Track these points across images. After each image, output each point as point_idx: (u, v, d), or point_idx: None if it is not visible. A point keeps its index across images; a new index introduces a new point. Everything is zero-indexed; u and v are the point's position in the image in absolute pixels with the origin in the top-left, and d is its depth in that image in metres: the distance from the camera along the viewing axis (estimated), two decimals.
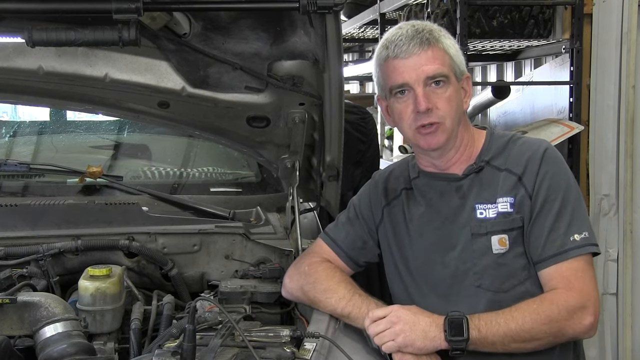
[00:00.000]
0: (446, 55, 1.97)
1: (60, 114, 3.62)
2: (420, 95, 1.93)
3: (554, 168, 1.96)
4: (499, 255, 1.95)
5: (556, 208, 1.92)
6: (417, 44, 1.94)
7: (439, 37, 1.98)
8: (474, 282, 1.97)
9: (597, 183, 3.67)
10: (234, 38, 2.33)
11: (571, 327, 1.85)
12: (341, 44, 2.19)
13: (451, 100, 1.96)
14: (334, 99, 2.36)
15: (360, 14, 5.74)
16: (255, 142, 2.77)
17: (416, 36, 1.95)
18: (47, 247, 2.37)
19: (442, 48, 1.97)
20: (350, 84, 9.52)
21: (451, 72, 1.97)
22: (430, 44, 1.95)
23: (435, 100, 1.94)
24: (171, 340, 1.86)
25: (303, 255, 2.26)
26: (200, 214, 2.76)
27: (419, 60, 1.94)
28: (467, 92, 2.05)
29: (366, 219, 2.18)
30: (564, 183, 1.96)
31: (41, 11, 2.02)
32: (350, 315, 1.99)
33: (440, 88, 1.95)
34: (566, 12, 3.84)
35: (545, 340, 1.85)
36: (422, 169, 2.11)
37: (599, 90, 3.62)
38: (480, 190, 2.00)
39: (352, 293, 2.02)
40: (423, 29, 1.97)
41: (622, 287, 3.70)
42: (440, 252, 2.03)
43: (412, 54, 1.94)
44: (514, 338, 1.82)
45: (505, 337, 1.82)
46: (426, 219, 2.07)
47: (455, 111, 1.97)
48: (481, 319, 1.84)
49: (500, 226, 1.95)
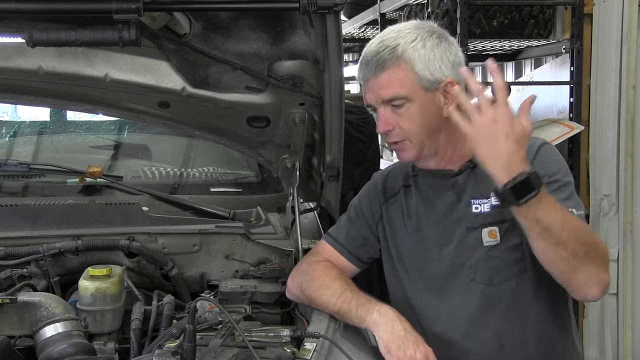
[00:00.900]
0: (408, 73, 1.90)
1: (60, 114, 3.62)
2: (380, 118, 1.94)
3: (548, 158, 1.94)
4: (489, 247, 1.93)
5: (552, 187, 1.85)
6: (373, 68, 1.92)
7: (402, 54, 1.90)
8: (468, 276, 1.96)
9: (597, 183, 3.67)
10: (234, 38, 2.33)
11: (593, 269, 1.75)
12: (341, 44, 2.18)
13: (413, 119, 1.92)
14: (334, 99, 2.36)
15: (360, 14, 5.74)
16: (256, 142, 2.77)
17: (374, 57, 1.92)
18: (47, 247, 2.37)
19: (402, 68, 1.90)
20: (350, 84, 9.51)
21: (413, 90, 1.91)
22: (385, 67, 1.90)
23: (396, 120, 1.93)
24: (171, 340, 1.86)
25: (306, 256, 2.27)
26: (201, 214, 2.76)
27: (375, 84, 1.93)
28: (450, 96, 1.93)
29: (366, 217, 2.19)
30: (559, 170, 1.92)
31: (41, 11, 2.02)
32: (340, 310, 1.97)
33: (401, 108, 1.92)
34: (566, 12, 3.84)
35: (566, 262, 1.72)
36: (420, 167, 2.11)
37: (599, 90, 3.62)
38: (476, 185, 1.99)
39: (343, 289, 2.00)
40: (386, 47, 1.92)
41: (622, 287, 3.70)
42: (437, 248, 2.03)
43: (370, 77, 1.93)
44: (557, 230, 1.68)
45: (552, 223, 1.68)
46: (423, 215, 2.07)
47: (421, 126, 1.93)
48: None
49: (490, 218, 1.93)
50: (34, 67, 2.43)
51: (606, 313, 3.69)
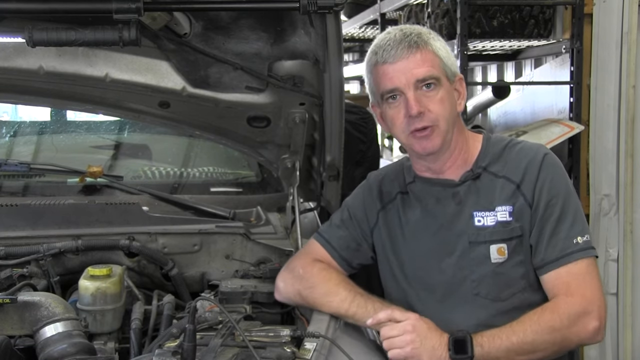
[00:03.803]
0: (436, 58, 1.95)
1: (60, 113, 3.62)
2: (411, 99, 1.91)
3: (552, 173, 1.95)
4: (497, 264, 1.94)
5: (557, 212, 1.91)
6: (405, 48, 1.93)
7: (427, 40, 1.95)
8: (472, 290, 1.96)
9: (597, 183, 3.67)
10: (234, 38, 2.33)
11: (575, 334, 1.84)
12: (341, 44, 2.19)
13: (444, 102, 1.94)
14: (335, 99, 2.36)
15: (360, 14, 5.74)
16: (256, 142, 2.77)
17: (404, 40, 1.94)
18: (47, 247, 2.38)
19: (431, 50, 1.95)
20: (350, 84, 9.51)
21: (442, 74, 1.95)
22: (418, 47, 1.93)
23: (427, 103, 1.92)
24: (171, 340, 1.86)
25: (295, 257, 2.23)
26: (201, 214, 2.76)
27: (407, 64, 1.92)
28: (461, 94, 2.03)
29: (360, 222, 2.17)
30: (564, 188, 1.95)
31: (41, 11, 2.02)
32: (356, 315, 1.98)
33: (432, 91, 1.93)
34: (566, 12, 3.84)
35: (550, 349, 1.84)
36: (418, 174, 2.10)
37: (599, 90, 3.62)
38: (478, 197, 1.99)
39: (353, 293, 2.01)
40: (411, 33, 1.96)
41: (622, 287, 3.70)
42: (437, 258, 2.02)
43: (400, 58, 1.92)
44: (517, 351, 1.82)
45: (508, 351, 1.81)
46: (422, 224, 2.06)
47: (448, 113, 1.95)
48: (484, 335, 1.83)
49: (499, 235, 1.94)
50: (34, 67, 2.43)
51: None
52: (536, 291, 1.95)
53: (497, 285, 1.94)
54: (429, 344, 1.83)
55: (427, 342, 1.83)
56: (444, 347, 1.82)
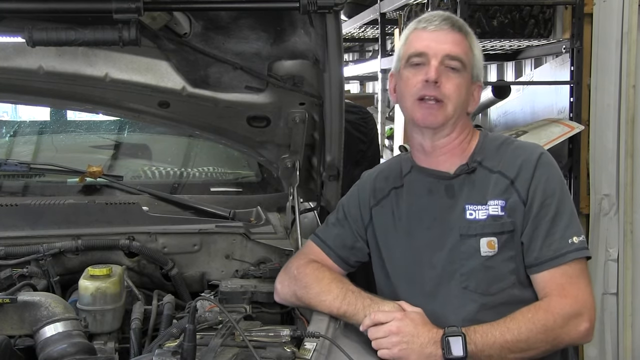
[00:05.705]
0: (470, 51, 2.00)
1: (60, 113, 3.62)
2: (433, 67, 1.94)
3: (548, 173, 1.95)
4: (486, 257, 1.94)
5: (552, 212, 1.92)
6: (449, 25, 1.98)
7: (469, 32, 2.02)
8: (461, 284, 1.96)
9: (597, 183, 3.66)
10: (234, 38, 2.33)
11: (567, 334, 1.86)
12: (341, 43, 2.19)
13: (460, 89, 1.97)
14: (335, 99, 2.36)
15: (360, 14, 5.75)
16: (256, 142, 2.77)
17: (450, 18, 2.00)
18: (47, 247, 2.38)
19: (469, 41, 2.01)
20: (350, 83, 9.53)
21: (469, 66, 1.99)
22: (460, 31, 1.99)
23: (446, 80, 1.95)
24: (171, 340, 1.86)
25: (292, 259, 2.23)
26: (201, 213, 2.76)
27: (444, 37, 1.97)
28: (475, 100, 2.06)
29: (355, 220, 2.18)
30: (559, 188, 1.96)
31: (41, 11, 2.02)
32: (346, 314, 1.97)
33: (455, 73, 1.96)
34: (566, 12, 3.84)
35: (543, 348, 1.85)
36: (416, 163, 2.10)
37: (599, 90, 3.62)
38: (471, 191, 1.99)
39: (344, 291, 2.00)
40: (458, 19, 2.03)
41: (622, 287, 3.69)
42: (429, 253, 2.02)
43: (440, 29, 1.97)
44: (510, 349, 1.82)
45: (502, 349, 1.82)
46: (415, 218, 2.06)
47: (461, 100, 1.98)
48: (477, 332, 1.83)
49: (490, 229, 1.94)
50: (34, 67, 2.43)
51: (606, 313, 3.69)
52: (525, 288, 1.94)
53: (486, 279, 1.94)
54: (417, 343, 1.82)
55: (414, 341, 1.82)
56: (434, 343, 1.81)
